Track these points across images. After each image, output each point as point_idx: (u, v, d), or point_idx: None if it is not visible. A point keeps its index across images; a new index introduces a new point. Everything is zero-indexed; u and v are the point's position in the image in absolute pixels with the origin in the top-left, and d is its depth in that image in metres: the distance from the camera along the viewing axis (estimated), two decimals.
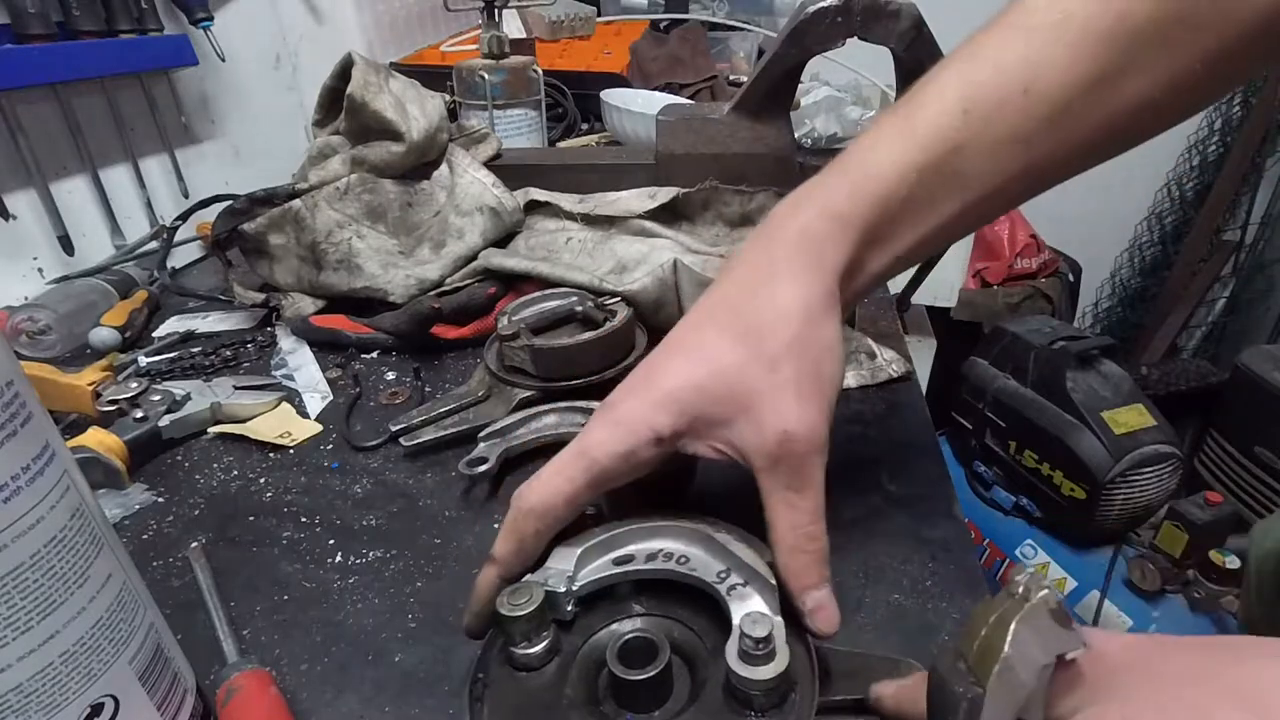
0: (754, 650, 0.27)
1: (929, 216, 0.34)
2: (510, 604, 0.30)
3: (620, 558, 0.34)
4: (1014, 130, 0.33)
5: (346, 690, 0.37)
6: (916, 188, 0.34)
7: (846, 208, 0.34)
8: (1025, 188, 0.35)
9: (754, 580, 0.31)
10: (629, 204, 0.77)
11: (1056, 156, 0.34)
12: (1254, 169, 2.28)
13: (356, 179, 0.74)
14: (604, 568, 0.33)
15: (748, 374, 0.32)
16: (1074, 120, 0.33)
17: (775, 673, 0.27)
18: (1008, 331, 1.37)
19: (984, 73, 0.34)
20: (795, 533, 0.31)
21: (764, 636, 0.27)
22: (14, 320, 0.69)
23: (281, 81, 1.16)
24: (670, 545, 0.34)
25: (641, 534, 0.34)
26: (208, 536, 0.48)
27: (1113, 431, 1.18)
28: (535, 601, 0.30)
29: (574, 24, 1.57)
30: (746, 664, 0.27)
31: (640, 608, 0.33)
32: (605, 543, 0.34)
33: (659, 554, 0.34)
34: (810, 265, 0.33)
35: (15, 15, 0.73)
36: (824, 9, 0.69)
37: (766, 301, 0.33)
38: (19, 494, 0.24)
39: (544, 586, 0.31)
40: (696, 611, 0.32)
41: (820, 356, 0.33)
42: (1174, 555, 1.15)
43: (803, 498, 0.31)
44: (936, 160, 0.33)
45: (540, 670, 0.31)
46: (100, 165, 0.85)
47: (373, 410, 0.62)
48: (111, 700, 0.28)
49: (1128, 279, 2.60)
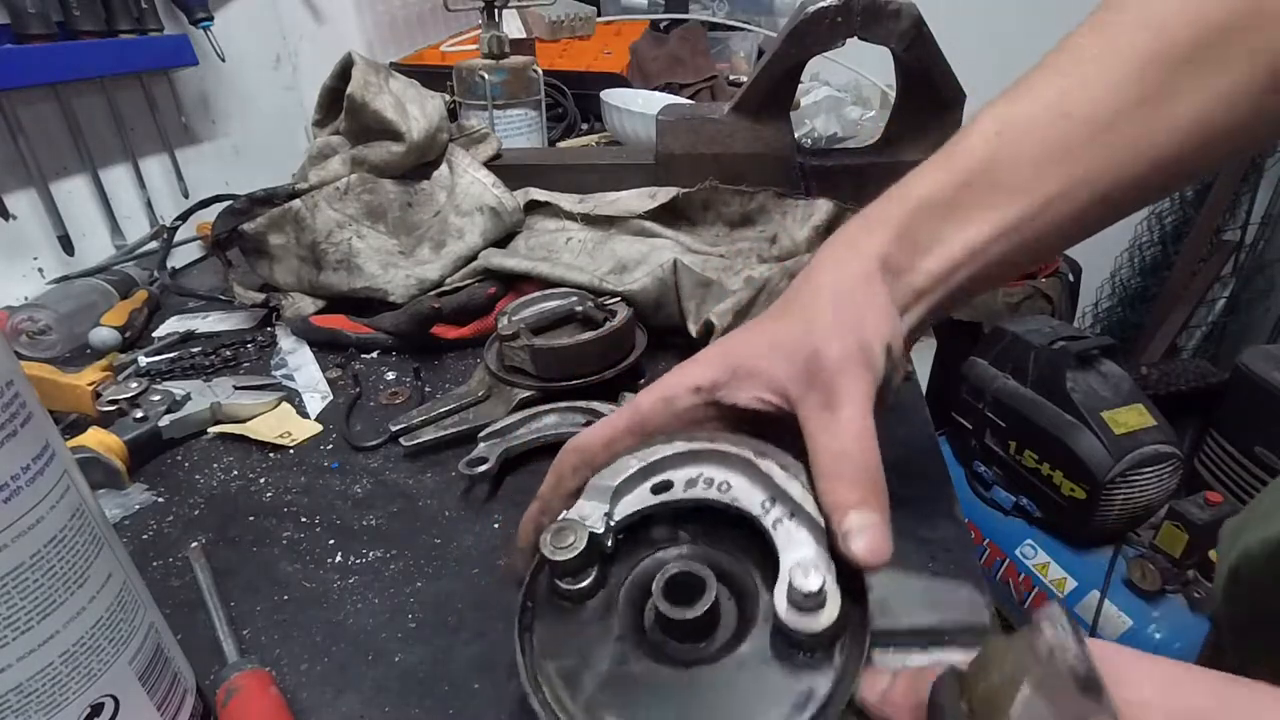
0: (803, 602, 0.26)
1: (969, 224, 0.34)
2: (554, 546, 0.29)
3: (658, 485, 0.32)
4: (1051, 149, 0.33)
5: (346, 690, 0.37)
6: (952, 196, 0.34)
7: (881, 212, 0.35)
8: (1076, 210, 0.33)
9: (800, 515, 0.29)
10: (629, 204, 0.77)
11: (1108, 178, 0.33)
12: (1254, 169, 2.28)
13: (356, 179, 0.74)
14: (642, 497, 0.32)
15: (784, 328, 0.33)
16: (1121, 139, 0.32)
17: (826, 623, 0.26)
18: (1008, 331, 1.37)
19: (1020, 103, 0.34)
20: (829, 454, 0.29)
21: (814, 590, 0.26)
22: (14, 320, 0.69)
23: (281, 81, 1.16)
24: (710, 471, 0.32)
25: (679, 459, 0.32)
26: (208, 536, 0.48)
27: (1113, 431, 1.18)
28: (580, 545, 0.29)
29: (574, 24, 1.57)
30: (796, 612, 0.26)
31: (684, 534, 0.32)
32: (642, 471, 0.32)
33: (699, 480, 0.32)
34: (845, 255, 0.34)
35: (15, 15, 0.73)
36: (824, 9, 0.69)
37: (804, 284, 0.34)
38: (19, 494, 0.24)
39: (586, 527, 0.30)
40: (741, 538, 0.31)
41: (860, 311, 0.32)
42: (1174, 555, 1.16)
43: (835, 418, 0.30)
44: (970, 174, 0.34)
45: (586, 604, 0.30)
46: (100, 165, 0.85)
47: (373, 410, 0.62)
48: (111, 700, 0.28)
49: (1128, 279, 2.60)
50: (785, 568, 0.27)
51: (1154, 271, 2.53)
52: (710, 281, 0.66)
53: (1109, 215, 0.35)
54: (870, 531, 0.27)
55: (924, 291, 0.34)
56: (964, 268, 0.34)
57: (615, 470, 0.32)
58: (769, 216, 0.77)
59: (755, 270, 0.68)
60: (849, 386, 0.30)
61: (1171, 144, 0.32)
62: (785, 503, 0.30)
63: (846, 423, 0.30)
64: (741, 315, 0.62)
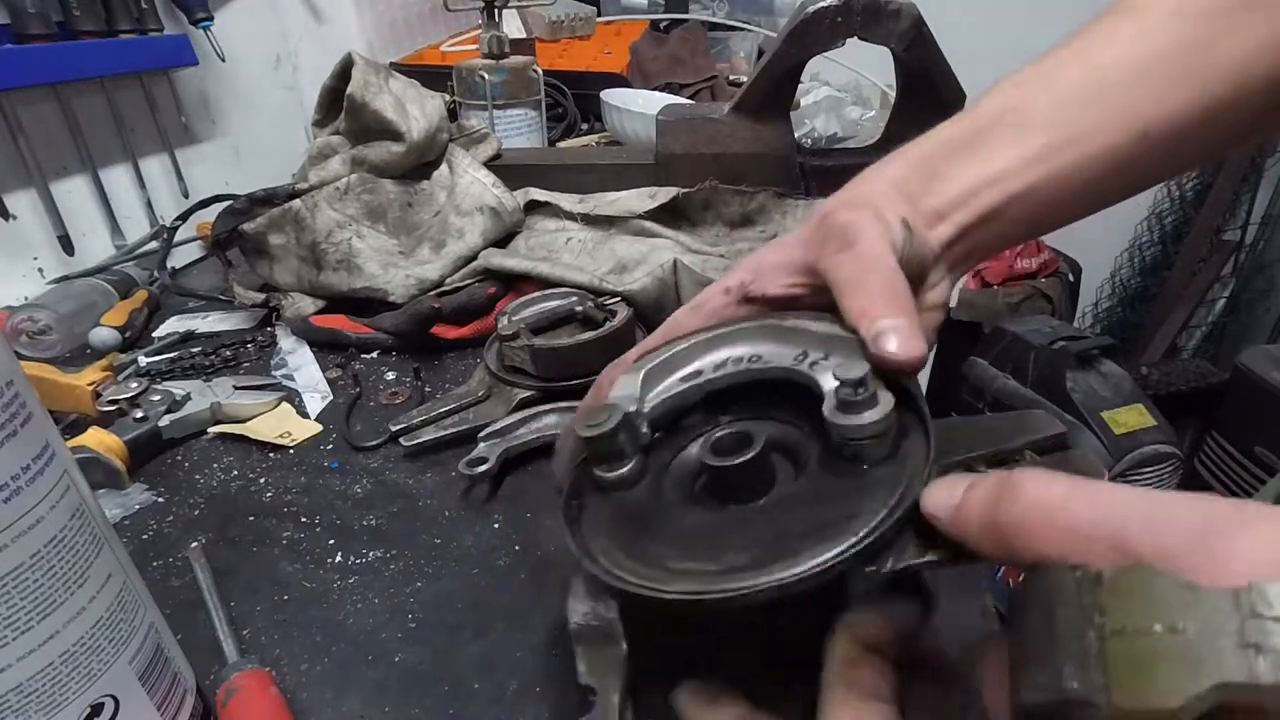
0: (852, 397, 0.24)
1: (987, 156, 0.33)
2: (588, 425, 0.28)
3: (687, 374, 0.31)
4: (1077, 91, 0.32)
5: (346, 690, 0.37)
6: (969, 139, 0.33)
7: (897, 153, 0.35)
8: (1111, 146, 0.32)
9: (836, 348, 0.28)
10: (629, 204, 0.77)
11: (1145, 116, 0.32)
12: (1254, 169, 2.28)
13: (356, 179, 0.74)
14: (672, 386, 0.31)
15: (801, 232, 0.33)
16: (1157, 83, 0.31)
17: (881, 414, 0.24)
18: (1008, 331, 1.37)
19: (1044, 61, 0.34)
20: (849, 279, 0.29)
21: (859, 378, 0.24)
22: (14, 320, 0.69)
23: (281, 81, 1.16)
24: (737, 350, 0.31)
25: (702, 347, 0.32)
26: (208, 536, 0.48)
27: (1113, 431, 1.18)
28: (613, 419, 0.28)
29: (574, 24, 1.57)
30: (847, 413, 0.25)
31: (724, 418, 0.31)
32: (666, 363, 0.31)
33: (726, 361, 0.31)
34: (857, 183, 0.34)
35: (15, 15, 0.73)
36: (824, 9, 0.69)
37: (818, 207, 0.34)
38: (19, 494, 0.24)
39: (618, 406, 0.28)
40: (787, 406, 0.30)
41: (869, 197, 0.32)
42: None
43: (853, 251, 0.29)
44: (989, 118, 0.33)
45: (632, 489, 0.29)
46: (100, 165, 0.85)
47: (373, 410, 0.62)
48: (111, 700, 0.28)
49: (1128, 279, 2.60)
50: (830, 386, 0.26)
51: (1154, 271, 2.53)
52: (710, 281, 0.66)
53: (1158, 157, 0.33)
54: (900, 331, 0.26)
55: (942, 213, 0.33)
56: (983, 194, 0.33)
57: (644, 362, 0.32)
58: (769, 216, 0.77)
59: None
60: (862, 229, 0.30)
61: (1217, 91, 0.31)
62: (818, 346, 0.29)
63: (863, 252, 0.29)
64: None
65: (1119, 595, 0.16)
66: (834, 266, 0.30)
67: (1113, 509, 0.18)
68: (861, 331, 0.27)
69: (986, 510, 0.20)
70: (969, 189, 0.32)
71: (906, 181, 0.33)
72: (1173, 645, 0.15)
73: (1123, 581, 0.16)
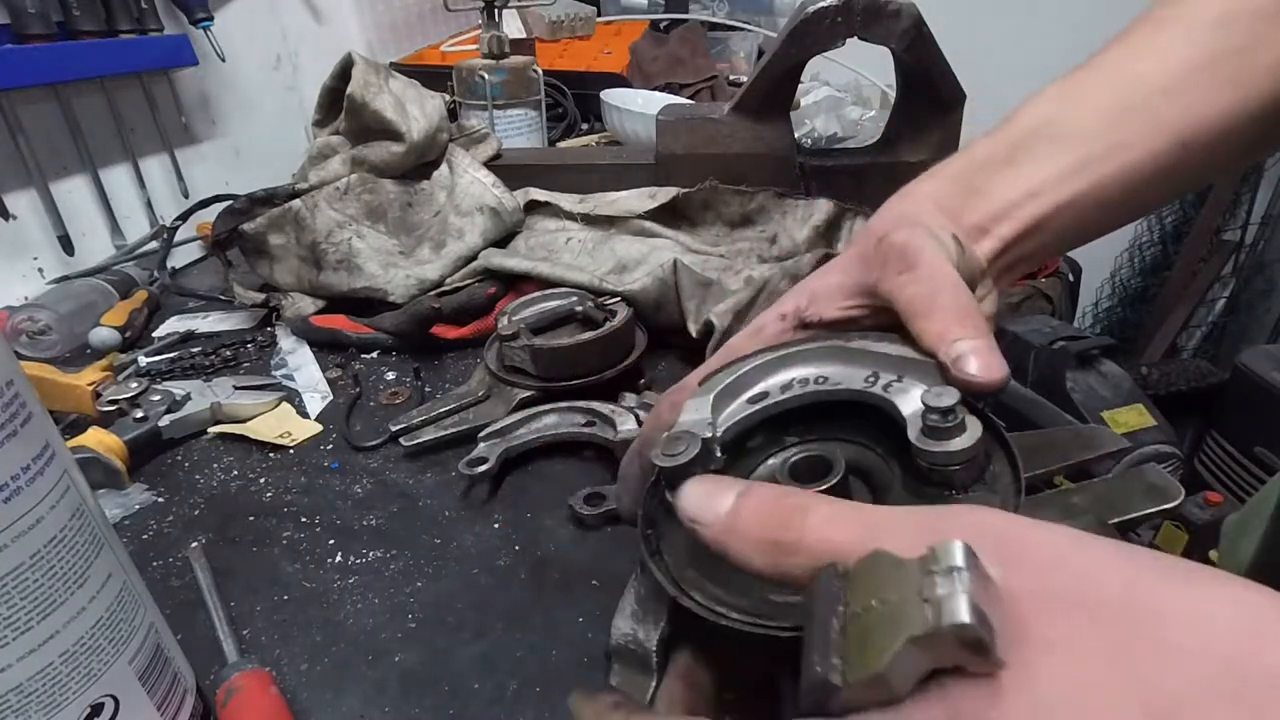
0: (941, 423, 0.25)
1: (1027, 170, 0.33)
2: (667, 455, 0.27)
3: (754, 396, 0.31)
4: (1118, 100, 0.32)
5: (346, 690, 0.37)
6: (1008, 153, 0.33)
7: (938, 168, 0.35)
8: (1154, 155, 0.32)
9: (909, 370, 0.28)
10: (629, 204, 0.77)
11: (1187, 124, 0.32)
12: (1254, 169, 2.28)
13: (356, 179, 0.74)
14: (740, 409, 0.31)
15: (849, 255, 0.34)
16: (1198, 90, 0.31)
17: (971, 441, 0.24)
18: (1008, 331, 1.37)
19: (1081, 72, 0.34)
20: (919, 299, 0.29)
21: (950, 407, 0.24)
22: (14, 320, 0.69)
23: (281, 81, 1.16)
24: (803, 371, 0.31)
25: (767, 368, 0.31)
26: (208, 536, 0.48)
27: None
28: (693, 449, 0.27)
29: (574, 24, 1.57)
30: (938, 439, 0.25)
31: (790, 438, 0.31)
32: (732, 387, 0.31)
33: (792, 382, 0.31)
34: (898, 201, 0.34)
35: (15, 15, 0.73)
36: (824, 9, 0.69)
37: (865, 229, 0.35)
38: (19, 494, 0.24)
39: (695, 435, 0.28)
40: (857, 428, 0.30)
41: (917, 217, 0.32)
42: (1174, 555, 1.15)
43: (915, 273, 0.29)
44: (1028, 133, 0.33)
45: None
46: (100, 165, 0.86)
47: (373, 410, 0.62)
48: (111, 700, 0.28)
49: (1128, 279, 2.60)
50: (911, 411, 0.26)
51: (1154, 271, 2.53)
52: (710, 281, 0.66)
53: (1199, 163, 0.33)
54: (980, 353, 0.26)
55: (985, 228, 0.33)
56: (1026, 206, 0.33)
57: (710, 385, 0.31)
58: (769, 216, 0.77)
59: (755, 270, 0.68)
60: (921, 248, 0.30)
61: (1259, 95, 0.31)
62: (890, 368, 0.29)
63: (928, 271, 0.29)
64: (741, 315, 0.62)
65: (858, 582, 0.18)
66: (898, 288, 0.30)
67: (867, 521, 0.20)
68: (940, 355, 0.27)
69: (765, 527, 0.21)
70: (1011, 202, 0.33)
71: (947, 198, 0.33)
72: (883, 615, 0.17)
73: (860, 569, 0.18)
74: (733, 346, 0.35)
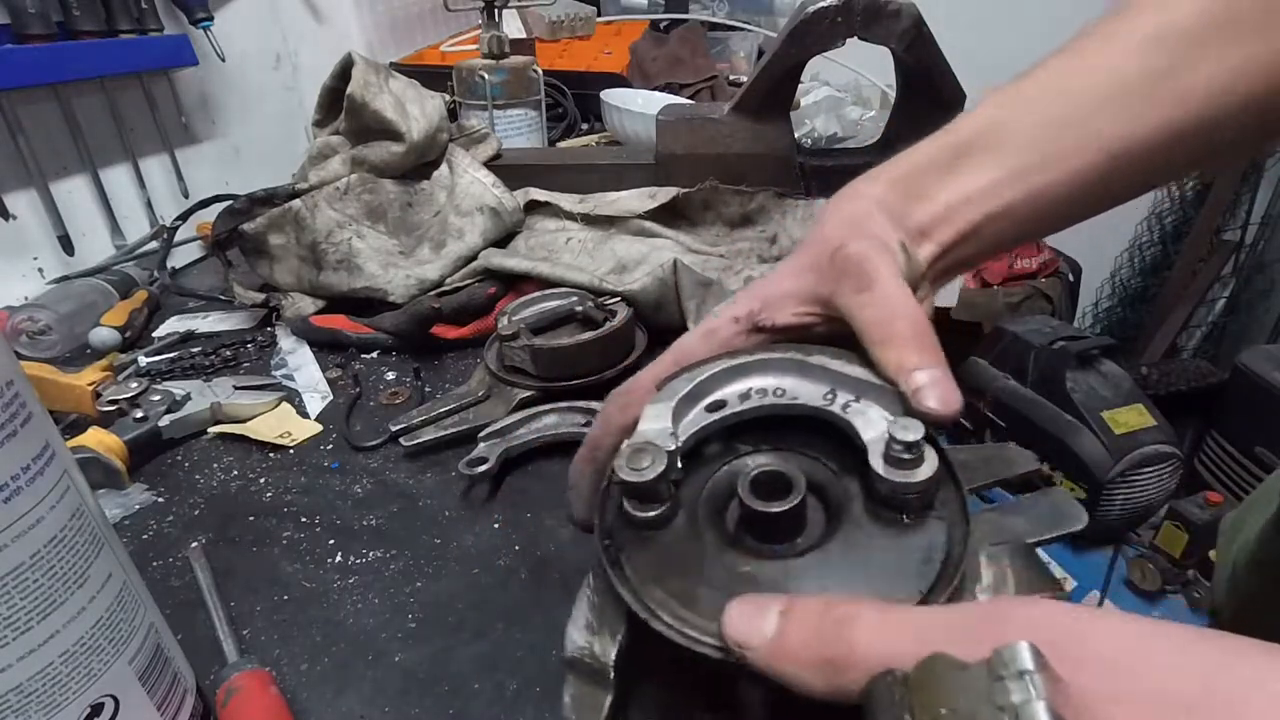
0: (905, 454, 0.26)
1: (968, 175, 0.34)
2: (631, 468, 0.27)
3: (712, 404, 0.31)
4: (1054, 114, 0.33)
5: (346, 690, 0.37)
6: (950, 159, 0.34)
7: (880, 171, 0.35)
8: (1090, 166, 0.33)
9: (866, 392, 0.29)
10: (629, 204, 0.77)
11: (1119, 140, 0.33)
12: (1254, 169, 2.28)
13: (356, 179, 0.74)
14: (699, 418, 0.31)
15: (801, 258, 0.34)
16: (1129, 109, 0.32)
17: (930, 472, 0.25)
18: (1008, 331, 1.37)
19: (1022, 82, 0.35)
20: (877, 323, 0.30)
21: (915, 441, 0.25)
22: (14, 320, 0.69)
23: (281, 81, 1.16)
24: (760, 381, 0.31)
25: (726, 376, 0.31)
26: (208, 536, 0.48)
27: (1113, 431, 1.18)
28: (659, 465, 0.27)
29: (574, 24, 1.57)
30: (900, 469, 0.26)
31: (744, 447, 0.31)
32: (691, 394, 0.31)
33: (751, 393, 0.31)
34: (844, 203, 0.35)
35: (15, 15, 0.73)
36: (824, 9, 0.69)
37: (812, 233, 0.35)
38: (19, 494, 0.24)
39: (660, 447, 0.27)
40: (809, 442, 0.30)
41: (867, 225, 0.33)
42: (1174, 555, 1.16)
43: (873, 293, 0.30)
44: (969, 138, 0.34)
45: (668, 527, 0.28)
46: (100, 165, 0.85)
47: (373, 410, 0.62)
48: (111, 700, 0.28)
49: (1128, 279, 2.60)
50: (872, 436, 0.27)
51: (1154, 271, 2.53)
52: (710, 281, 0.66)
53: (1131, 176, 0.34)
54: (940, 385, 0.27)
55: (926, 231, 0.34)
56: (963, 212, 0.34)
57: (669, 391, 0.30)
58: (769, 216, 0.77)
59: (755, 270, 0.68)
60: (878, 265, 0.31)
61: (1188, 114, 0.32)
62: (847, 387, 0.30)
63: (885, 293, 0.30)
64: None
65: (921, 690, 0.18)
66: (856, 308, 0.30)
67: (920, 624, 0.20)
68: (901, 385, 0.28)
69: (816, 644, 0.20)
70: (950, 207, 0.33)
71: (892, 201, 0.34)
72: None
73: (922, 675, 0.18)
74: (685, 348, 0.34)
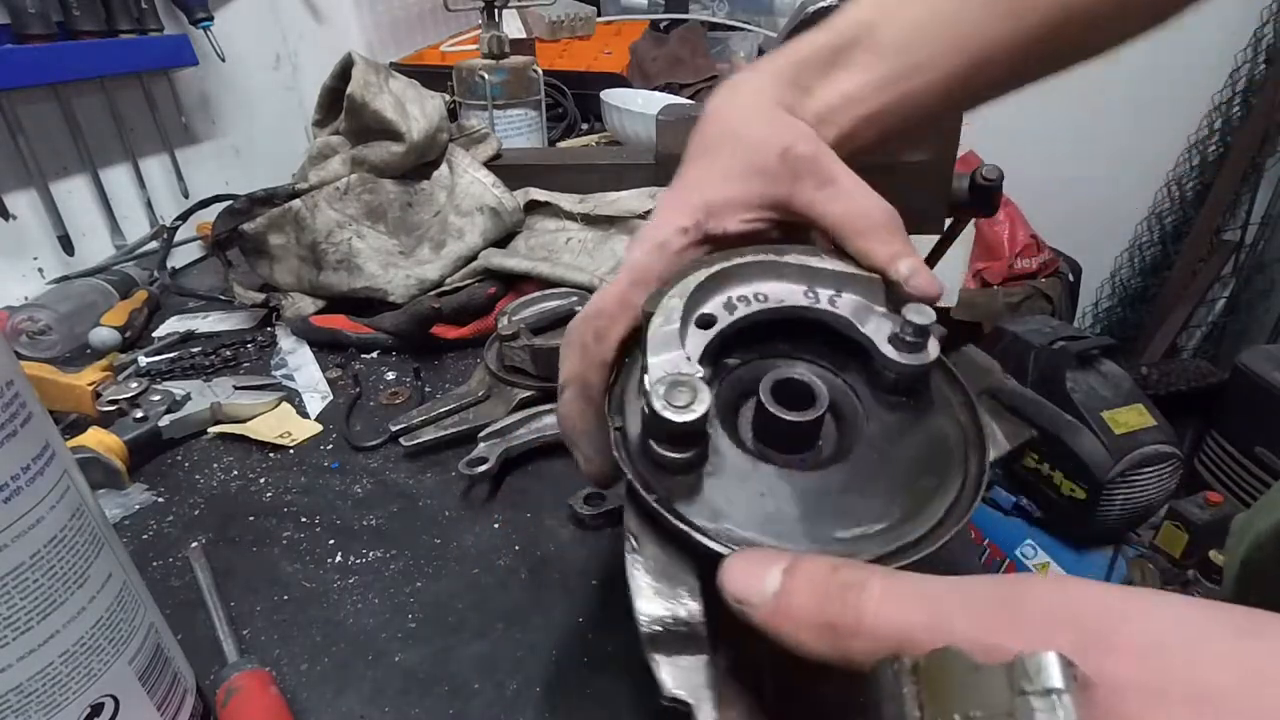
0: (915, 337, 0.27)
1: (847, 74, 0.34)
2: (675, 407, 0.24)
3: (702, 319, 0.29)
4: (923, 16, 0.34)
5: (346, 690, 0.37)
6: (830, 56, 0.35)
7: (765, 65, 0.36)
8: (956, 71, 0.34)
9: (845, 285, 0.29)
10: (629, 204, 0.77)
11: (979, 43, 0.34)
12: (1254, 169, 2.28)
13: (356, 179, 0.74)
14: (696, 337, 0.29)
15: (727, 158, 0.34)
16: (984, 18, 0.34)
17: (936, 352, 0.27)
18: (1008, 331, 1.37)
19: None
20: (852, 216, 0.30)
21: (927, 325, 0.26)
22: (14, 320, 0.69)
23: (281, 81, 1.16)
24: (739, 289, 0.30)
25: (708, 287, 0.30)
26: (208, 536, 0.48)
27: (1113, 431, 1.18)
28: (703, 401, 0.24)
29: (574, 24, 1.57)
30: (909, 353, 0.27)
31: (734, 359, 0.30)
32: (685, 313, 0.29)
33: (733, 301, 0.30)
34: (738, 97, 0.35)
35: (15, 15, 0.73)
36: (824, 9, 0.69)
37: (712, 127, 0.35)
38: (19, 494, 0.24)
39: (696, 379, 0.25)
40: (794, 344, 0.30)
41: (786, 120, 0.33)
42: (1174, 555, 1.16)
43: (839, 187, 0.31)
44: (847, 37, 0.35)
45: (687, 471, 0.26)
46: (100, 165, 0.85)
47: (373, 410, 0.62)
48: (111, 700, 0.28)
49: (1128, 279, 2.60)
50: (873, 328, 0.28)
51: (1154, 271, 2.53)
52: None
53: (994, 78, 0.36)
54: (922, 270, 0.29)
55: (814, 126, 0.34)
56: (843, 111, 0.34)
57: (666, 313, 0.28)
58: None
59: None
60: (832, 161, 0.32)
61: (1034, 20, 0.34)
62: (826, 283, 0.30)
63: (850, 187, 0.31)
64: None
65: (933, 685, 0.16)
66: (823, 203, 0.31)
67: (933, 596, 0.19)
68: (890, 273, 0.29)
69: (820, 607, 0.20)
70: (832, 106, 0.34)
71: (782, 95, 0.34)
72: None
73: (934, 669, 0.17)
74: (640, 265, 0.32)
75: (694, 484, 0.25)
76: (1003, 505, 1.36)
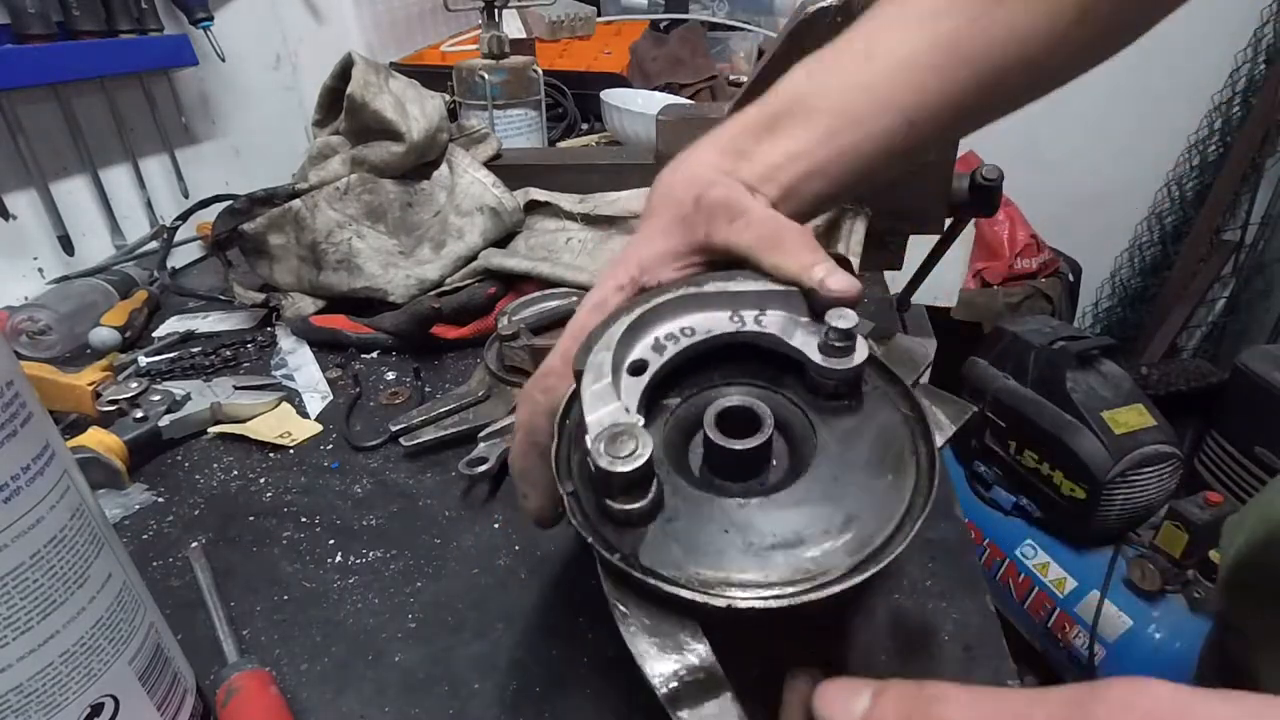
0: (840, 342, 0.27)
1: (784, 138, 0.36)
2: (616, 457, 0.24)
3: (634, 365, 0.30)
4: (856, 80, 0.36)
5: (346, 690, 0.37)
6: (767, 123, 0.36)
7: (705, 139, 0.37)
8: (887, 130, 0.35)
9: (769, 302, 0.31)
10: (629, 204, 0.77)
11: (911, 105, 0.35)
12: (1254, 169, 2.27)
13: (356, 179, 0.74)
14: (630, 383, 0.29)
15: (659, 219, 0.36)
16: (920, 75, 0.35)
17: (866, 354, 0.27)
18: (1008, 331, 1.37)
19: (827, 53, 0.37)
20: (762, 237, 0.32)
21: (851, 328, 0.27)
22: (14, 320, 0.69)
23: (281, 81, 1.16)
24: (666, 327, 0.31)
25: (634, 331, 0.30)
26: (208, 536, 0.48)
27: (1113, 431, 1.18)
28: (646, 447, 0.24)
29: (574, 24, 1.57)
30: (839, 357, 0.27)
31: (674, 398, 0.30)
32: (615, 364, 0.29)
33: (660, 341, 0.30)
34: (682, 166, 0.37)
35: (15, 15, 0.73)
36: (824, 9, 0.69)
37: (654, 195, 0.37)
38: (19, 494, 0.24)
39: (642, 429, 0.25)
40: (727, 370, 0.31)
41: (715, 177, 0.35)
42: (1174, 555, 1.16)
43: (748, 216, 0.33)
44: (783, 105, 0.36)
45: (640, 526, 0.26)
46: (100, 165, 0.85)
47: (373, 410, 0.62)
48: (111, 700, 0.28)
49: (1128, 279, 2.60)
50: (801, 339, 0.29)
51: (1154, 271, 2.53)
52: None
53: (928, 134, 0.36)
54: (837, 272, 0.30)
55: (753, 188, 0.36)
56: (785, 169, 0.36)
57: (595, 367, 0.28)
58: None
59: None
60: (742, 197, 0.33)
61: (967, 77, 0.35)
62: (747, 304, 0.31)
63: (761, 214, 0.33)
64: None
65: None
66: (735, 234, 0.33)
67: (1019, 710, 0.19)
68: (805, 280, 0.30)
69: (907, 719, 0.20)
70: (772, 166, 0.35)
71: (723, 164, 0.36)
72: None
73: None
74: (582, 324, 0.34)
75: (656, 533, 0.25)
76: (1003, 505, 1.36)
